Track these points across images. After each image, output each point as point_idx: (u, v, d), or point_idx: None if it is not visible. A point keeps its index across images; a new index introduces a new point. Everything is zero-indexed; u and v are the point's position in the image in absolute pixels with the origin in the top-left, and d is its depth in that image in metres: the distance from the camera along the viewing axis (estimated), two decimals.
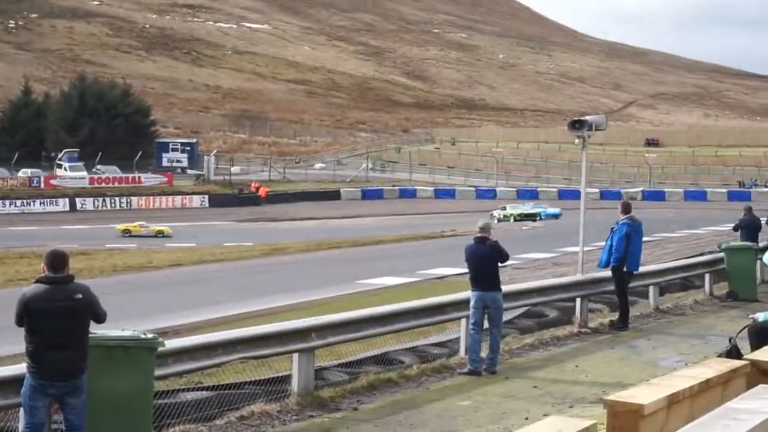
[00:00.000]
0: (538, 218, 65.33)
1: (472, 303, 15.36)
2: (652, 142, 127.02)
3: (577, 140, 19.66)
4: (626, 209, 19.58)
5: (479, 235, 15.53)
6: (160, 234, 58.17)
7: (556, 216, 65.95)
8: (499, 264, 15.64)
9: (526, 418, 11.94)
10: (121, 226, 59.38)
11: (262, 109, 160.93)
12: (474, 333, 15.27)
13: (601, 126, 19.77)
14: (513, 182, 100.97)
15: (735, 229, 27.47)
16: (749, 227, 26.53)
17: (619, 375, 14.87)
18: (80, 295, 9.10)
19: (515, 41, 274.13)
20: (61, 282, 9.09)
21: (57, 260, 9.19)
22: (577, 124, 19.49)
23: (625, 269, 19.15)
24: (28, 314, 8.91)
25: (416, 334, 17.76)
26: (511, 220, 65.09)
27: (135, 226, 59.40)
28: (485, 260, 15.37)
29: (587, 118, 19.75)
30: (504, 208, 68.52)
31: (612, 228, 19.60)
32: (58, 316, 8.93)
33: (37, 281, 9.12)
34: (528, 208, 69.42)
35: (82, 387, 9.12)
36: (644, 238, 20.66)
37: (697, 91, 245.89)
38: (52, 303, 8.94)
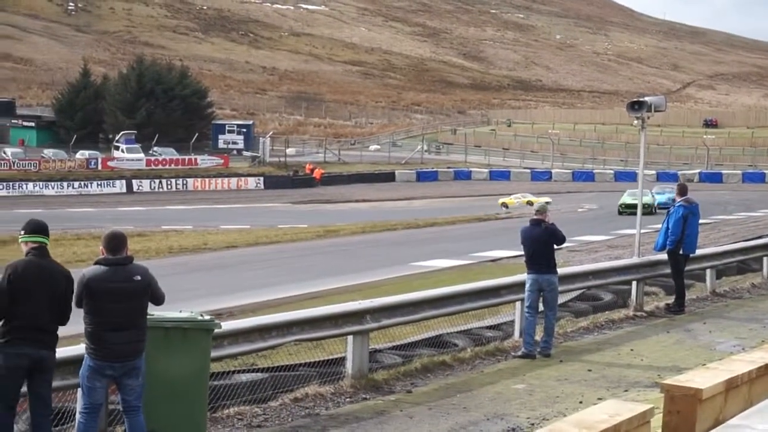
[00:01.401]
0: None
1: (527, 286, 15.29)
2: (710, 124, 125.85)
3: (635, 121, 19.50)
4: (683, 191, 19.38)
5: (535, 217, 15.46)
6: (529, 204, 60.13)
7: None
8: (555, 246, 15.56)
9: (581, 402, 11.88)
10: (501, 201, 65.33)
11: (318, 90, 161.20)
12: (529, 316, 15.19)
13: (660, 107, 19.58)
14: (569, 164, 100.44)
15: None
16: None
17: (674, 359, 14.75)
18: (139, 277, 9.15)
19: (572, 21, 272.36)
20: (120, 263, 9.14)
21: (115, 242, 9.23)
22: (636, 105, 19.32)
23: (681, 252, 18.97)
24: (88, 295, 8.96)
25: (470, 317, 17.70)
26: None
27: (511, 200, 65.33)
28: (541, 242, 15.28)
29: (647, 99, 19.57)
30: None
31: (668, 210, 19.42)
32: (118, 297, 8.97)
33: (97, 263, 9.16)
34: None
35: (139, 368, 9.17)
36: (701, 221, 20.45)
37: (757, 71, 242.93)
38: (112, 284, 8.98)
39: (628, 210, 50.81)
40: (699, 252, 20.34)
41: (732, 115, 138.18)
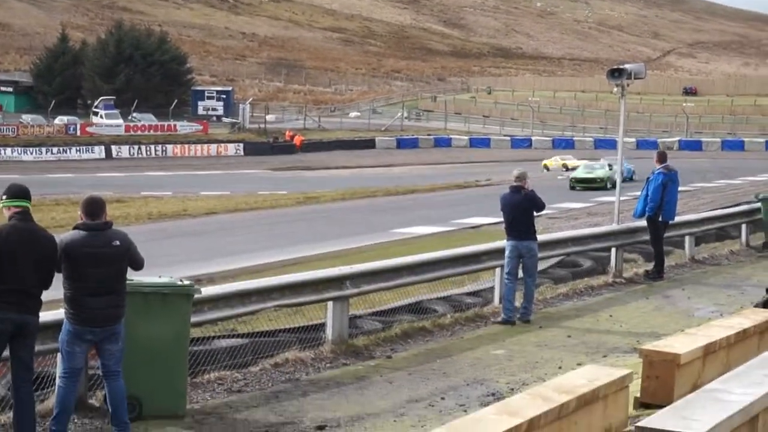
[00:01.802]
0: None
1: (507, 252, 15.32)
2: (690, 92, 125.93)
3: (615, 89, 19.54)
4: (662, 158, 19.43)
5: (515, 184, 15.47)
6: (564, 168, 62.00)
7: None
8: (535, 213, 15.59)
9: (560, 368, 11.94)
10: (544, 162, 66.97)
11: (297, 57, 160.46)
12: (508, 282, 15.23)
13: (640, 74, 19.62)
14: (549, 132, 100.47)
15: None
16: None
17: (653, 325, 14.83)
18: (118, 242, 9.11)
19: None
20: (99, 229, 9.09)
21: (94, 207, 9.18)
22: (616, 73, 19.35)
23: (660, 219, 19.04)
24: (67, 260, 8.93)
25: (450, 284, 17.74)
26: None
27: (550, 162, 67.09)
28: (521, 209, 15.30)
29: (627, 66, 19.60)
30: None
31: (648, 177, 19.47)
32: (97, 262, 8.94)
33: (75, 228, 9.11)
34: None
35: (119, 333, 9.15)
36: (680, 188, 20.52)
37: (738, 40, 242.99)
38: (91, 249, 8.94)
39: (580, 185, 47.71)
40: (678, 219, 20.43)
41: (712, 83, 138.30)
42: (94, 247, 8.96)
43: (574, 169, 54.83)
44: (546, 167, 65.02)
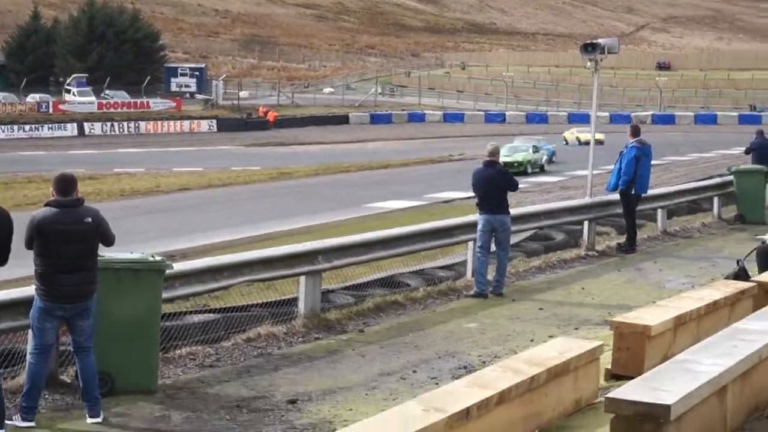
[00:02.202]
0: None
1: (479, 226, 15.31)
2: (663, 66, 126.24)
3: (589, 63, 19.60)
4: (635, 132, 19.47)
5: (488, 158, 15.45)
6: (578, 141, 61.07)
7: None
8: (509, 192, 15.54)
9: (532, 340, 11.96)
10: (563, 134, 66.62)
11: (271, 33, 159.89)
12: (481, 256, 15.25)
13: (613, 49, 19.65)
14: (523, 106, 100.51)
15: (747, 152, 27.30)
16: (760, 150, 26.33)
17: (625, 297, 14.88)
18: (90, 219, 9.07)
19: None
20: (71, 205, 9.05)
21: (66, 184, 9.13)
22: (589, 47, 19.39)
23: (633, 192, 19.09)
24: (39, 237, 8.88)
25: (423, 258, 17.77)
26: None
27: (569, 134, 66.31)
28: (494, 183, 15.28)
29: (600, 41, 19.63)
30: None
31: (621, 151, 19.51)
32: (69, 239, 8.91)
33: (47, 204, 9.07)
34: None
35: (90, 309, 9.13)
36: (653, 162, 20.57)
37: (711, 14, 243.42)
38: (63, 226, 8.90)
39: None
40: (650, 192, 20.50)
41: (685, 58, 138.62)
42: (66, 224, 8.93)
43: (587, 143, 52.85)
44: (565, 140, 64.61)
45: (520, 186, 16.65)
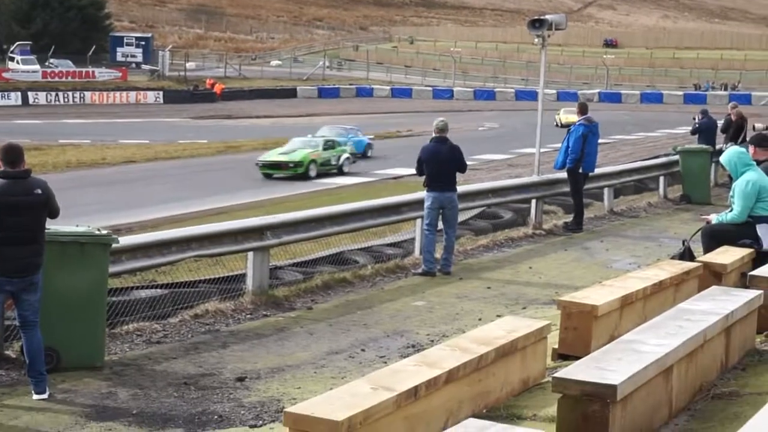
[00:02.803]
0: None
1: (428, 204, 15.23)
2: (610, 44, 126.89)
3: (536, 40, 19.60)
4: (583, 110, 19.53)
5: (438, 135, 15.38)
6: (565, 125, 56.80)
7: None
8: (458, 173, 15.52)
9: (480, 319, 12.00)
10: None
11: (218, 4, 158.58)
12: (429, 234, 15.20)
13: (561, 25, 19.66)
14: (470, 83, 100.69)
15: (693, 132, 27.54)
16: (707, 131, 26.57)
17: (572, 277, 14.97)
18: (39, 190, 8.96)
19: None
20: (20, 177, 8.92)
21: (13, 154, 9.00)
22: (537, 23, 19.39)
23: (580, 171, 19.17)
24: None
25: (371, 235, 17.78)
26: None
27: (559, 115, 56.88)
28: (446, 161, 15.24)
29: (547, 17, 19.63)
30: None
31: (568, 129, 19.58)
32: (19, 211, 8.79)
33: None
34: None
35: (38, 283, 9.03)
36: (600, 140, 20.67)
37: None
38: (13, 198, 8.78)
39: (271, 171, 34.59)
40: (597, 171, 20.57)
41: (632, 36, 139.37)
42: (16, 195, 8.82)
43: (567, 125, 46.32)
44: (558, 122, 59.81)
45: (467, 163, 16.62)
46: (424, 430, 6.04)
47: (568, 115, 49.59)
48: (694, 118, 27.77)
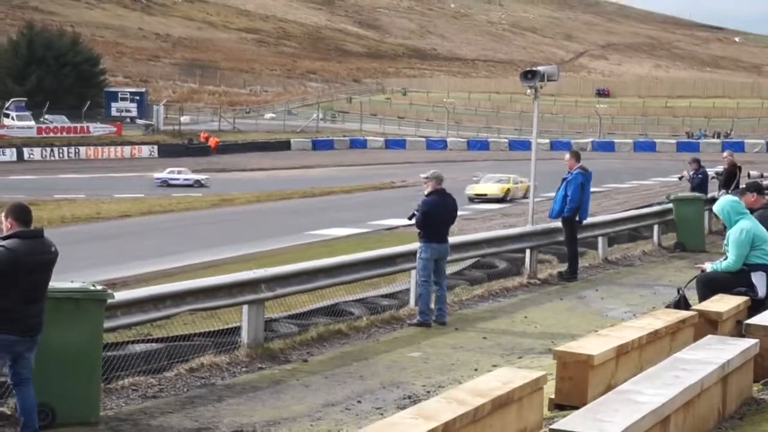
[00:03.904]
0: None
1: (426, 255, 15.12)
2: (602, 93, 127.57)
3: (529, 91, 19.69)
4: (578, 158, 19.56)
5: (440, 186, 15.32)
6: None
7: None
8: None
9: (476, 369, 11.98)
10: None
11: (212, 58, 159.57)
12: (427, 285, 15.14)
13: (553, 76, 19.76)
14: (464, 133, 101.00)
15: (692, 189, 26.46)
16: (701, 183, 26.28)
17: (567, 326, 14.95)
18: (54, 248, 8.98)
19: None
20: (39, 236, 8.94)
21: (27, 214, 8.99)
22: (529, 75, 19.48)
23: (577, 219, 19.19)
24: (15, 270, 8.68)
25: (366, 286, 17.74)
26: None
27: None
28: (451, 212, 15.36)
29: (540, 68, 19.73)
30: None
31: (564, 178, 19.62)
32: (40, 269, 8.79)
33: (15, 236, 8.83)
34: None
35: (38, 341, 9.01)
36: (593, 189, 20.72)
37: (649, 42, 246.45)
38: (36, 257, 8.76)
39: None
40: (591, 220, 20.63)
41: (624, 85, 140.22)
42: (38, 254, 8.80)
43: (488, 199, 43.95)
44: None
45: (461, 213, 16.69)
46: None
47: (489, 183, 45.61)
48: (685, 174, 27.23)
